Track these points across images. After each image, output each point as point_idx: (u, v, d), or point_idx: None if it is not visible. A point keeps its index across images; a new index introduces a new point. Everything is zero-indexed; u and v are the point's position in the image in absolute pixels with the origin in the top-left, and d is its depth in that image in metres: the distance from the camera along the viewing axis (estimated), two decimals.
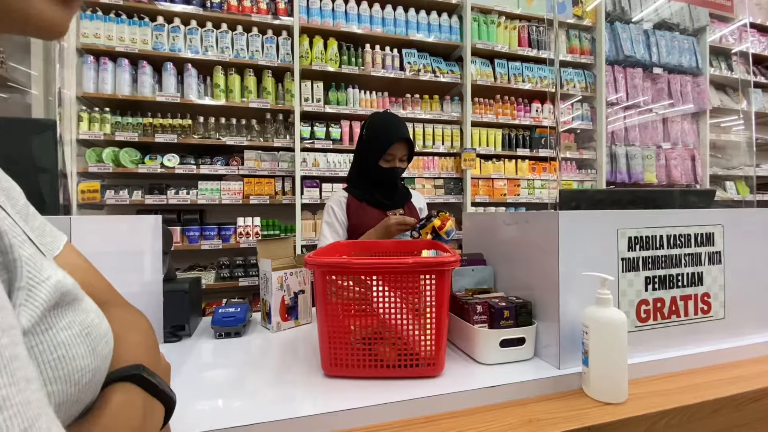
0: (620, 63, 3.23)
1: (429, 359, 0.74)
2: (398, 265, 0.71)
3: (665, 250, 0.85)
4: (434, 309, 0.73)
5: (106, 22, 2.19)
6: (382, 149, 1.38)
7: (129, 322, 0.45)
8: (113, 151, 2.22)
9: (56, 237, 0.47)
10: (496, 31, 2.89)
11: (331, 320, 0.75)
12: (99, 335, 0.31)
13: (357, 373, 0.75)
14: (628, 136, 3.29)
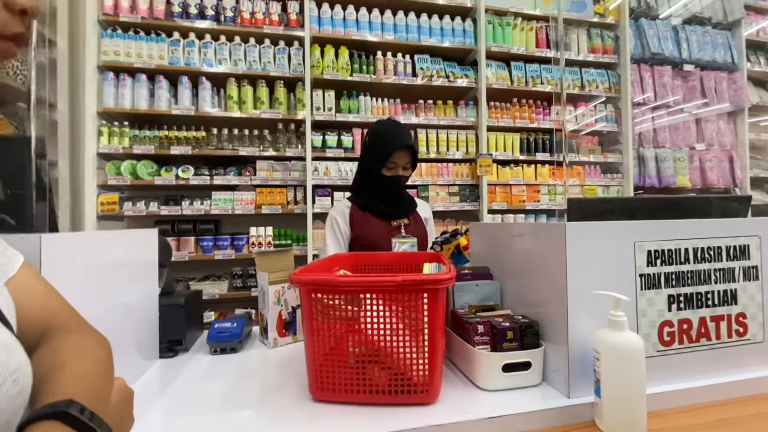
0: (647, 61, 3.07)
1: (422, 385, 0.68)
2: (386, 283, 0.66)
3: (692, 265, 0.76)
4: (427, 331, 0.68)
5: (125, 39, 2.27)
6: (384, 157, 1.34)
7: (79, 350, 0.42)
8: (131, 164, 2.29)
9: (11, 259, 0.45)
10: (512, 32, 2.80)
11: (317, 341, 0.70)
12: (4, 374, 0.28)
13: (345, 398, 0.70)
14: (657, 137, 3.11)
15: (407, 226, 1.44)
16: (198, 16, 2.37)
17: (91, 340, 0.46)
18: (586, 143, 3.00)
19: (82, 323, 0.48)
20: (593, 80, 2.96)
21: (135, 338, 0.86)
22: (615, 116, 2.99)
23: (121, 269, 0.82)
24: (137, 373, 0.85)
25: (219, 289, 2.35)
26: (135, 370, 0.85)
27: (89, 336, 0.47)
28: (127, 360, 0.81)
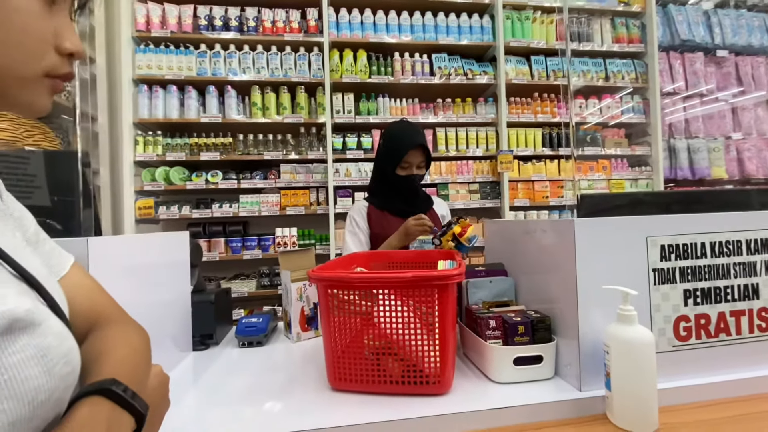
0: (676, 48, 2.95)
1: (434, 376, 0.71)
2: (398, 279, 0.69)
3: (709, 259, 0.75)
4: (438, 324, 0.71)
5: (156, 53, 2.41)
6: (398, 157, 1.38)
7: (120, 338, 0.48)
8: (165, 170, 2.42)
9: (64, 259, 0.51)
10: (532, 27, 2.76)
11: (334, 334, 0.75)
12: (57, 356, 0.34)
13: (362, 387, 0.74)
14: (690, 127, 2.97)
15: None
16: (223, 28, 2.48)
17: (132, 331, 0.52)
18: (612, 136, 2.92)
19: (125, 316, 0.54)
20: (618, 71, 2.86)
21: (170, 332, 0.93)
22: (643, 107, 2.89)
23: (156, 269, 0.89)
24: (173, 364, 0.92)
25: (248, 288, 2.46)
26: (171, 361, 0.92)
27: (130, 327, 0.52)
28: (164, 352, 0.88)
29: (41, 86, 0.37)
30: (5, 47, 0.33)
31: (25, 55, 0.35)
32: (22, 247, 0.44)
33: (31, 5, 0.34)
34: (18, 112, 0.39)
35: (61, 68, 0.37)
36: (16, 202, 0.49)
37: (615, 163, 2.87)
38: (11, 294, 0.32)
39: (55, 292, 0.41)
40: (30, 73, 0.36)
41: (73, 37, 0.38)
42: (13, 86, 0.35)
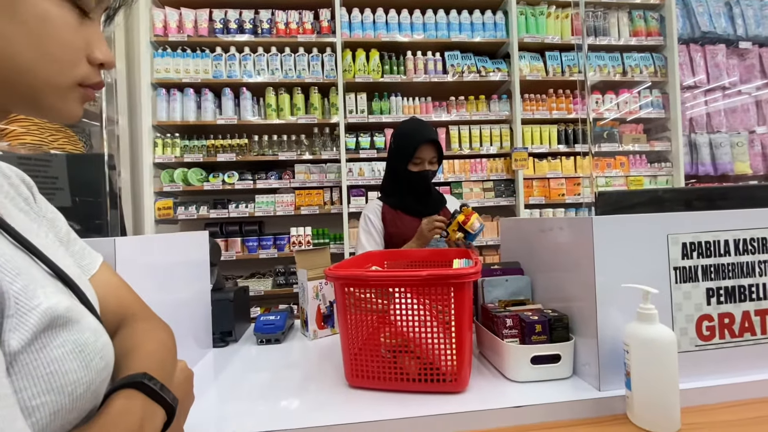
0: (697, 41, 2.86)
1: (451, 374, 0.71)
2: (413, 277, 0.70)
3: (732, 257, 0.74)
4: (454, 322, 0.71)
5: (174, 57, 2.46)
6: (410, 153, 1.38)
7: (148, 334, 0.50)
8: (183, 172, 2.48)
9: (93, 259, 0.54)
10: (546, 22, 2.72)
11: (351, 332, 0.76)
12: (94, 351, 0.35)
13: (379, 385, 0.75)
14: (712, 122, 2.89)
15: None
16: (237, 31, 2.52)
17: (159, 327, 0.54)
18: (630, 131, 2.85)
19: (150, 313, 0.56)
20: (636, 65, 2.80)
21: (191, 329, 0.96)
22: (662, 102, 2.82)
23: (178, 267, 0.92)
24: (194, 360, 0.95)
25: (264, 286, 2.49)
26: (192, 358, 0.95)
27: (157, 323, 0.54)
28: (186, 349, 0.91)
29: (74, 95, 0.39)
30: (42, 58, 0.35)
31: (60, 66, 0.36)
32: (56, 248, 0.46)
33: (67, 17, 0.36)
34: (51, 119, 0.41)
35: (92, 77, 0.39)
36: (48, 204, 0.52)
37: (633, 159, 2.81)
38: (51, 292, 0.34)
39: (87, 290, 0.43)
40: (64, 83, 0.37)
41: (103, 47, 0.39)
42: (48, 95, 0.37)
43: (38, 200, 0.50)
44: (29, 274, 0.33)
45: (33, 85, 0.35)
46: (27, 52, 0.34)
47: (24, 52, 0.34)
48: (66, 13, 0.36)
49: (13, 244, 0.35)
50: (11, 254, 0.33)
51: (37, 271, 0.35)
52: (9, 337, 0.28)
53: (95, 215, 0.72)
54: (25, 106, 0.38)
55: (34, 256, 0.37)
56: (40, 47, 0.34)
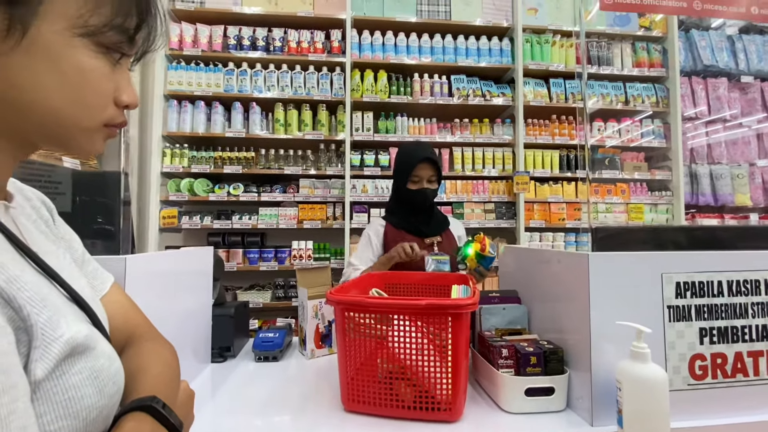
0: (699, 74, 2.92)
1: (446, 403, 0.72)
2: (412, 306, 0.72)
3: (726, 298, 0.75)
4: (450, 352, 0.72)
5: (187, 71, 2.53)
6: (408, 172, 1.44)
7: (155, 355, 0.52)
8: (189, 182, 2.52)
9: (105, 279, 0.56)
10: (551, 50, 2.79)
11: (349, 355, 0.77)
12: (107, 377, 0.37)
13: (374, 410, 0.75)
14: (713, 153, 2.92)
15: (440, 243, 1.49)
16: (250, 47, 2.59)
17: (163, 348, 0.55)
18: (632, 159, 2.89)
19: (156, 332, 0.58)
20: (638, 95, 2.85)
21: (191, 343, 0.97)
22: (663, 131, 2.86)
23: (182, 282, 0.94)
24: (192, 375, 0.96)
25: (263, 299, 2.50)
26: (190, 373, 0.96)
27: (161, 344, 0.56)
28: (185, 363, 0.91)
29: (99, 134, 0.41)
30: (75, 105, 0.37)
31: (91, 110, 0.38)
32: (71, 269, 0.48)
33: (102, 67, 0.38)
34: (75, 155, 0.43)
35: (117, 118, 0.41)
36: (66, 226, 0.54)
37: (634, 187, 2.84)
38: (72, 321, 0.36)
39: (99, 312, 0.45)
40: (92, 125, 0.39)
41: (130, 90, 0.42)
42: (77, 136, 0.39)
43: (57, 222, 0.53)
44: (53, 303, 0.35)
45: (64, 126, 0.38)
46: (62, 99, 0.36)
47: (60, 99, 0.36)
48: (101, 64, 0.38)
49: (36, 270, 0.37)
50: (35, 282, 0.35)
51: (57, 297, 0.37)
52: (35, 367, 0.30)
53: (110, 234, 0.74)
54: (53, 144, 0.40)
55: (53, 280, 0.39)
56: (74, 95, 0.37)
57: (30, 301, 0.32)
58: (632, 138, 2.88)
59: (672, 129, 2.82)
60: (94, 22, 0.36)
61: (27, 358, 0.30)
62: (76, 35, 0.35)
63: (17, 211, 0.42)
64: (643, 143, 2.85)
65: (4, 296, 0.30)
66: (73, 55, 0.36)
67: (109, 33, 0.37)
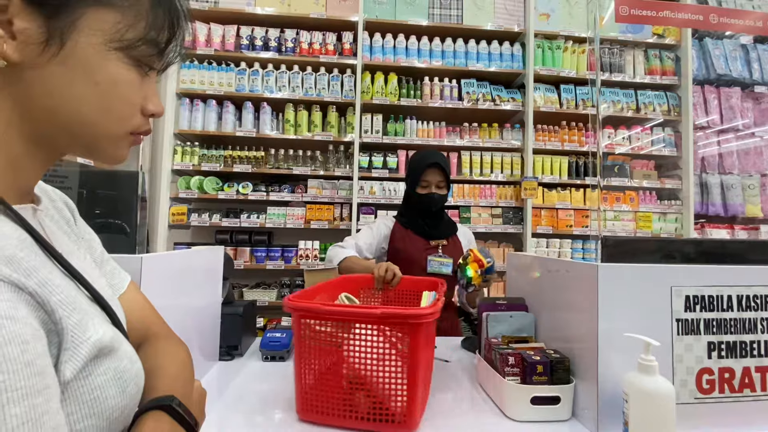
0: (712, 82, 2.90)
1: (401, 415, 0.70)
2: (367, 315, 0.70)
3: (735, 313, 0.75)
4: (407, 363, 0.69)
5: (200, 69, 2.56)
6: (417, 177, 1.47)
7: (172, 355, 0.53)
8: (199, 180, 2.55)
9: (122, 278, 0.57)
10: (562, 56, 2.78)
11: (304, 363, 0.74)
12: (129, 378, 0.38)
13: (329, 421, 0.73)
14: (724, 163, 2.90)
15: (445, 247, 1.51)
16: (262, 48, 2.61)
17: (178, 347, 0.57)
18: (641, 167, 2.87)
19: (170, 331, 0.60)
20: (650, 102, 2.84)
21: (200, 341, 0.98)
22: (674, 140, 2.84)
23: (194, 281, 0.95)
24: (200, 373, 0.97)
25: (268, 297, 2.52)
26: (199, 370, 0.96)
27: (176, 343, 0.57)
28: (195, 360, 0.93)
29: (125, 142, 0.42)
30: (106, 113, 0.38)
31: (119, 119, 0.40)
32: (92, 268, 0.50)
33: (132, 78, 0.39)
34: (101, 162, 0.44)
35: (143, 126, 0.42)
36: (86, 226, 0.56)
37: (643, 195, 2.82)
38: (99, 323, 0.37)
39: (118, 311, 0.47)
40: (119, 133, 0.40)
41: (156, 100, 0.43)
42: (104, 144, 0.40)
43: (78, 223, 0.54)
44: (80, 306, 0.36)
45: (93, 134, 0.39)
46: (93, 108, 0.37)
47: (91, 108, 0.37)
48: (133, 75, 0.39)
49: (62, 272, 0.38)
50: (64, 285, 0.36)
51: (82, 299, 0.38)
52: (64, 368, 0.32)
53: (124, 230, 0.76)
54: (81, 150, 0.42)
55: (77, 281, 0.39)
56: (105, 105, 0.38)
57: (61, 304, 0.33)
58: (642, 146, 2.86)
59: (683, 138, 2.79)
60: (129, 37, 0.37)
61: (57, 359, 0.32)
62: (111, 48, 0.36)
63: (43, 213, 0.44)
64: (653, 151, 2.83)
65: (38, 300, 0.31)
66: (107, 67, 0.37)
67: (142, 47, 0.38)
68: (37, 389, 0.27)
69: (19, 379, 0.26)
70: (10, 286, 0.29)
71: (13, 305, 0.28)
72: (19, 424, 0.25)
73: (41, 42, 0.34)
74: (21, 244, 0.33)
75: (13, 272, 0.29)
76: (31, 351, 0.28)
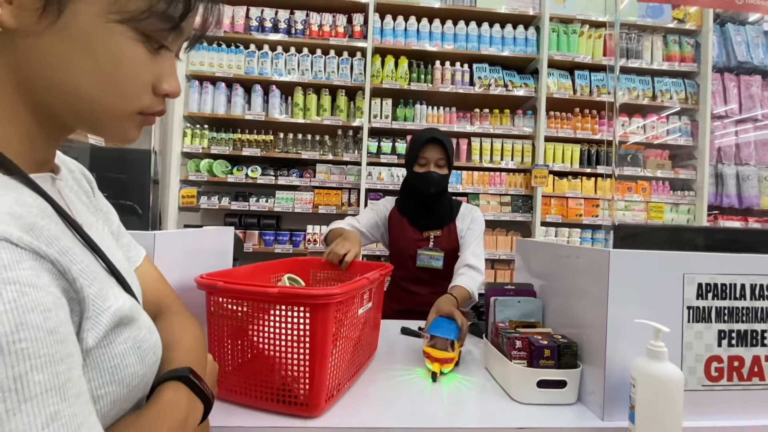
0: (732, 70, 2.81)
1: (304, 397, 0.68)
2: (263, 294, 0.67)
3: (748, 302, 0.74)
4: (308, 344, 0.67)
5: (209, 51, 2.54)
6: (416, 154, 1.38)
7: (185, 329, 0.54)
8: (209, 163, 2.56)
9: (138, 252, 0.58)
10: (578, 40, 2.71)
11: (214, 339, 0.73)
12: (148, 348, 0.39)
13: (233, 398, 0.72)
14: (741, 153, 2.83)
15: (438, 238, 1.43)
16: (272, 29, 2.58)
17: (191, 322, 0.58)
18: (655, 157, 2.82)
19: (183, 306, 0.61)
20: (667, 90, 2.76)
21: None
22: (690, 129, 2.77)
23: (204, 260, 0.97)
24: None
25: None
26: None
27: (189, 318, 0.58)
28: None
29: (133, 122, 0.39)
30: (108, 91, 0.36)
31: (123, 98, 0.37)
32: (109, 241, 0.50)
33: (139, 54, 0.36)
34: (108, 140, 0.44)
35: (154, 107, 0.40)
36: (104, 199, 0.56)
37: (655, 185, 2.77)
38: (118, 293, 0.38)
39: (134, 284, 0.47)
40: (125, 112, 0.38)
41: (172, 79, 0.40)
42: (109, 122, 0.38)
43: (96, 195, 0.55)
44: (100, 276, 0.36)
45: (95, 112, 0.37)
46: (95, 84, 0.35)
47: (92, 84, 0.35)
48: (139, 50, 0.36)
49: (80, 242, 0.38)
50: (84, 256, 0.36)
51: (99, 270, 0.38)
52: (86, 336, 0.32)
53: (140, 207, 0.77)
54: (85, 127, 0.40)
55: (95, 253, 0.40)
56: (107, 81, 0.35)
57: (81, 273, 0.33)
58: (657, 135, 2.80)
59: (700, 127, 2.73)
60: (131, 8, 0.34)
61: (78, 327, 0.32)
62: (112, 21, 0.34)
63: (62, 183, 0.44)
64: (668, 140, 2.77)
65: (59, 268, 0.31)
66: (109, 41, 0.34)
67: (149, 20, 0.35)
68: (60, 357, 0.27)
69: (42, 346, 0.26)
70: (31, 254, 0.28)
71: (35, 273, 0.28)
72: (43, 391, 0.25)
73: (38, 8, 0.32)
74: (42, 213, 0.33)
75: (34, 240, 0.29)
76: (54, 318, 0.28)
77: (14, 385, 0.24)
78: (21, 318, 0.25)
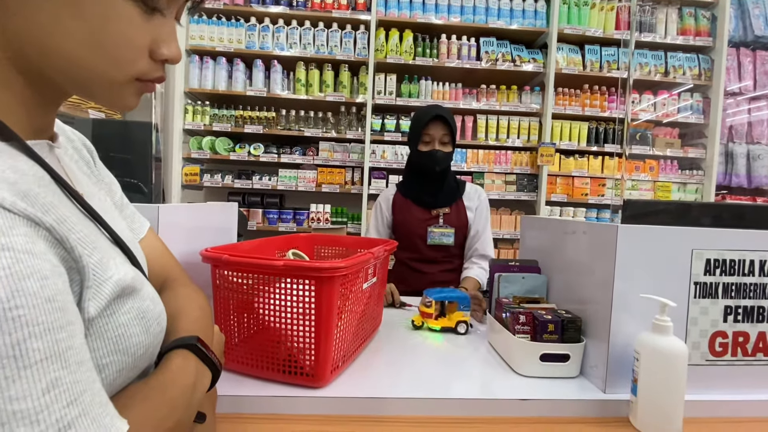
0: (748, 45, 2.71)
1: (310, 368, 0.69)
2: (269, 266, 0.67)
3: (756, 278, 0.74)
4: (313, 316, 0.68)
5: (209, 25, 2.48)
6: (419, 131, 1.36)
7: (191, 300, 0.54)
8: (211, 140, 2.54)
9: (142, 223, 0.58)
10: (590, 13, 2.61)
11: (218, 312, 0.74)
12: (152, 318, 0.39)
13: (240, 369, 0.74)
14: (753, 132, 2.76)
15: (447, 215, 1.43)
16: (272, 1, 2.50)
17: (197, 293, 0.58)
18: (664, 135, 2.76)
19: (188, 278, 0.61)
20: (680, 65, 2.68)
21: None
22: (702, 106, 2.70)
23: (208, 235, 0.97)
24: None
25: None
26: None
27: (194, 289, 0.58)
28: None
29: (130, 88, 0.37)
30: (98, 55, 0.34)
31: (116, 62, 0.35)
32: (112, 211, 0.50)
33: (132, 15, 0.34)
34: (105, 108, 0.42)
35: (152, 73, 0.38)
36: (105, 169, 0.55)
37: (663, 164, 2.73)
38: (120, 263, 0.37)
39: (138, 255, 0.47)
40: (120, 78, 0.36)
41: (171, 44, 0.38)
42: (103, 88, 0.36)
43: (98, 165, 0.54)
44: (100, 246, 0.36)
45: (87, 77, 0.35)
46: (84, 47, 0.33)
47: (81, 47, 0.33)
48: (131, 11, 0.34)
49: (81, 212, 0.37)
50: (83, 225, 0.35)
51: (102, 240, 0.38)
52: (88, 306, 0.32)
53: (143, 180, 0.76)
54: (80, 93, 0.38)
55: (97, 222, 0.39)
56: (97, 44, 0.33)
57: (80, 242, 0.32)
58: (668, 113, 2.73)
59: (712, 104, 2.66)
60: None
61: (80, 297, 0.32)
62: None
63: (61, 152, 0.42)
64: (679, 118, 2.71)
65: (56, 236, 0.30)
66: (98, 1, 0.32)
67: None
68: (59, 324, 0.26)
69: (40, 314, 0.25)
70: (26, 221, 0.27)
71: (30, 240, 0.27)
72: (42, 359, 0.25)
73: None
74: (39, 180, 0.32)
75: (29, 206, 0.28)
76: (51, 287, 0.27)
77: (12, 351, 0.23)
78: (17, 285, 0.24)
